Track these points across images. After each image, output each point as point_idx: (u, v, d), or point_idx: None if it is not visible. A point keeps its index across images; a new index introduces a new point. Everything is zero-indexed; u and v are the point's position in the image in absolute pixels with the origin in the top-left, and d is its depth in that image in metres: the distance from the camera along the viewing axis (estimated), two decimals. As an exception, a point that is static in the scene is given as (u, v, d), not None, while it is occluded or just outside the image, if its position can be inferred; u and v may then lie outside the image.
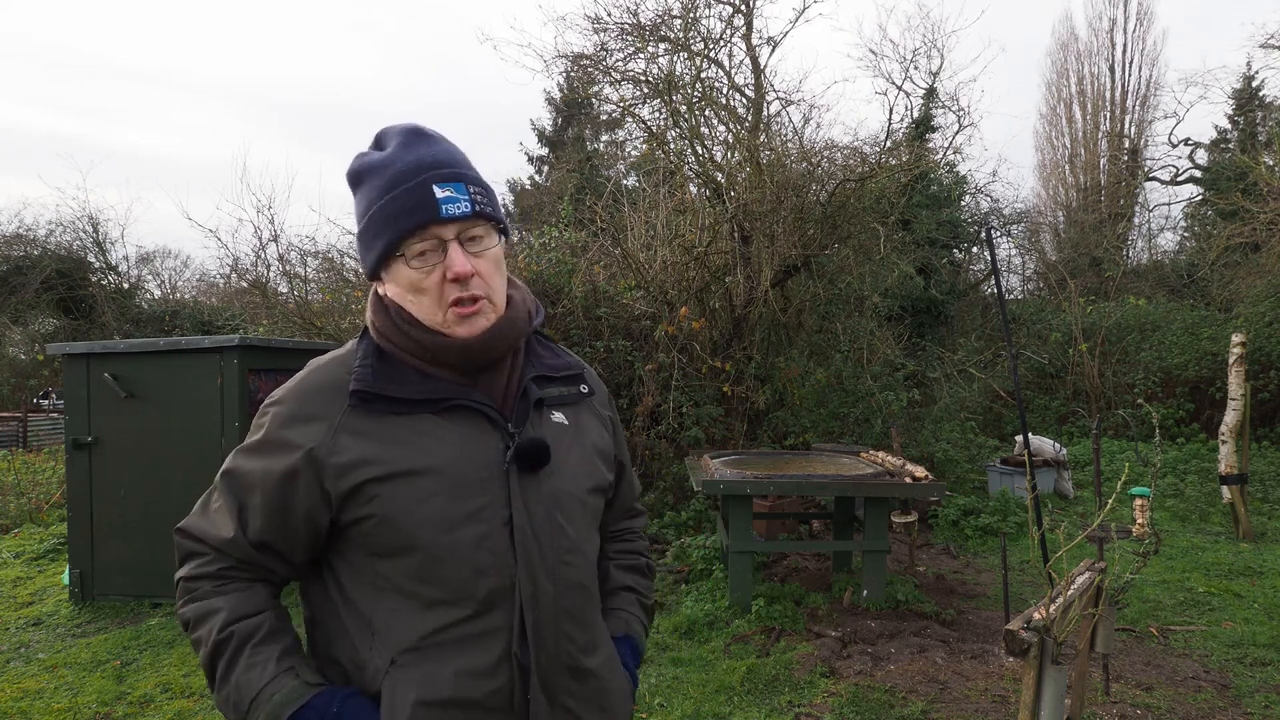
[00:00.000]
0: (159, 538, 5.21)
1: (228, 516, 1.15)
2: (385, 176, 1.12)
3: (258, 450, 1.15)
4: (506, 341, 1.19)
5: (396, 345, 1.16)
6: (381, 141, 1.19)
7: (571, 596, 1.18)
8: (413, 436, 1.12)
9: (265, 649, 1.11)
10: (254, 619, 1.13)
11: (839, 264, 8.49)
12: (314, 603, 1.20)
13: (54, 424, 14.80)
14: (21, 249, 17.53)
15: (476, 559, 1.11)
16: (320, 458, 1.10)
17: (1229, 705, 3.63)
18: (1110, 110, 23.58)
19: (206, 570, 1.15)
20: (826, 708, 3.61)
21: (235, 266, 11.05)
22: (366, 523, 1.10)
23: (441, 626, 1.10)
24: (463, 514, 1.11)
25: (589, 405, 1.33)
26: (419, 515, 1.09)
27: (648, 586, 1.46)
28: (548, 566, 1.15)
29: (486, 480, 1.13)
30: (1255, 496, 8.08)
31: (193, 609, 1.15)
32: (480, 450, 1.14)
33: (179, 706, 3.74)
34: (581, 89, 11.27)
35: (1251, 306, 11.77)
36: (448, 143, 1.19)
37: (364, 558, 1.13)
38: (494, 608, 1.12)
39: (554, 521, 1.17)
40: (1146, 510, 3.48)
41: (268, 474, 1.13)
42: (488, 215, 1.14)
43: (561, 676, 1.16)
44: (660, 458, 7.39)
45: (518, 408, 1.20)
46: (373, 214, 1.13)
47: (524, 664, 1.12)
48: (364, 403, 1.12)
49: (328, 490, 1.11)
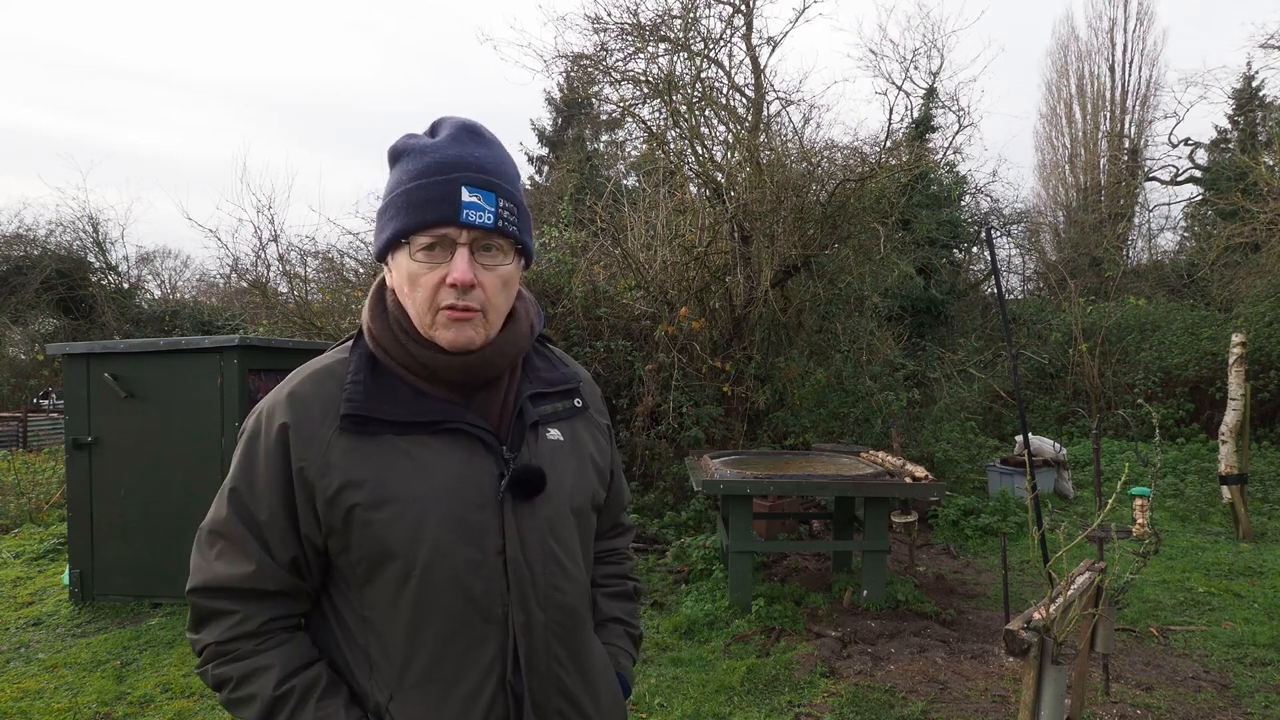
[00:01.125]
0: (159, 538, 5.21)
1: (247, 549, 1.09)
2: (421, 162, 1.09)
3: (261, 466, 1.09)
4: (506, 359, 1.16)
5: (392, 358, 1.12)
6: (435, 129, 1.15)
7: (561, 621, 1.17)
8: (405, 460, 1.09)
9: (330, 701, 1.08)
10: (310, 671, 1.10)
11: (839, 264, 8.49)
12: (316, 637, 1.17)
13: (54, 424, 14.80)
14: (21, 249, 17.54)
15: (469, 588, 1.08)
16: (311, 479, 1.07)
17: (1229, 705, 3.63)
18: (1110, 110, 23.59)
19: (243, 630, 1.09)
20: (826, 708, 3.61)
21: (235, 266, 11.07)
22: (356, 550, 1.07)
23: (436, 658, 1.09)
24: (456, 541, 1.08)
25: (585, 417, 1.30)
26: (410, 542, 1.06)
27: (634, 613, 1.44)
28: (539, 595, 1.13)
29: (480, 507, 1.10)
30: (1255, 496, 8.08)
31: (234, 669, 1.09)
32: (474, 476, 1.11)
33: (179, 706, 3.74)
34: (581, 89, 11.27)
35: (1251, 306, 11.77)
36: (500, 150, 1.14)
37: (356, 590, 1.11)
38: (487, 639, 1.10)
39: (547, 549, 1.15)
40: (1146, 510, 3.48)
41: (275, 489, 1.09)
42: (510, 234, 1.10)
43: (554, 700, 1.16)
44: (660, 458, 7.40)
45: (513, 430, 1.16)
46: (396, 195, 1.10)
47: (517, 692, 1.11)
48: (355, 425, 1.08)
49: (318, 512, 1.08)
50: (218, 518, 1.11)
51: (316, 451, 1.07)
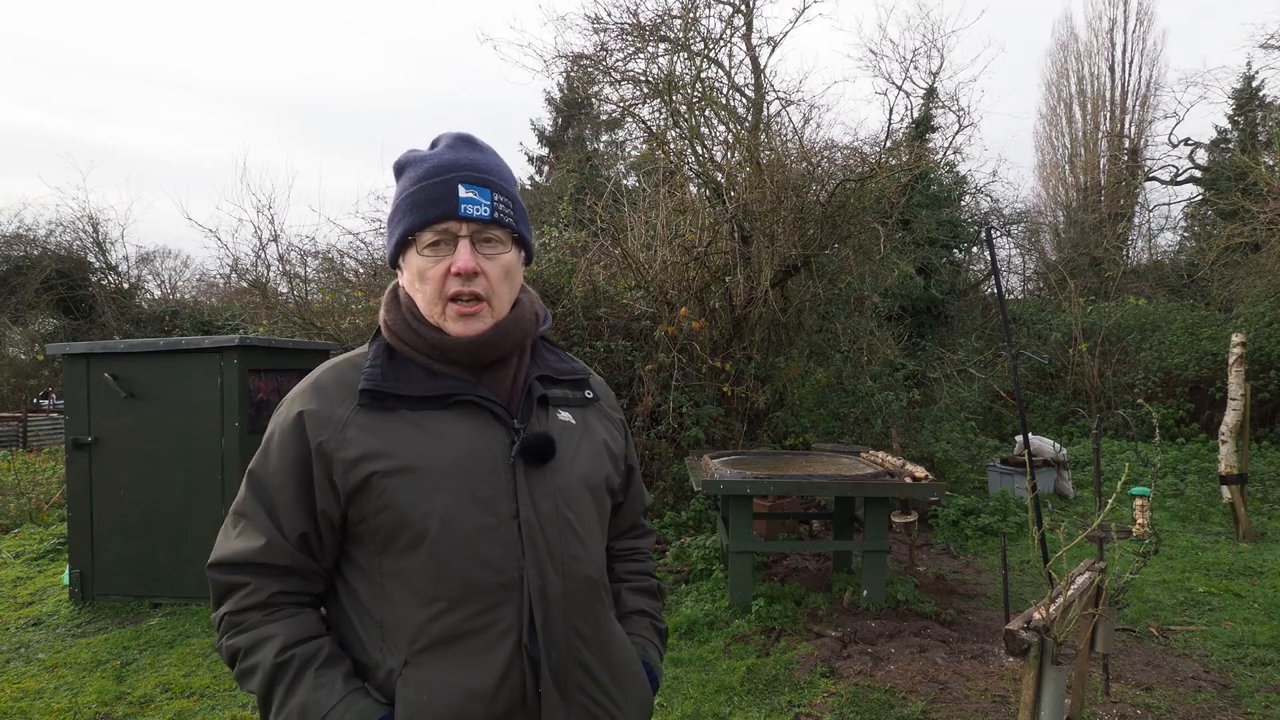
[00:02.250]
0: (159, 538, 5.21)
1: (259, 524, 1.15)
2: (421, 170, 1.19)
3: (275, 448, 1.16)
4: (512, 339, 1.22)
5: (406, 343, 1.20)
6: (434, 143, 1.25)
7: (580, 591, 1.19)
8: (420, 432, 1.14)
9: (329, 671, 1.11)
10: (313, 642, 1.13)
11: (839, 264, 8.49)
12: (328, 609, 1.21)
13: (54, 424, 14.80)
14: (21, 249, 17.55)
15: (484, 553, 1.12)
16: (329, 452, 1.12)
17: (1229, 705, 3.63)
18: (1110, 110, 23.58)
19: (253, 601, 1.14)
20: (826, 708, 3.61)
21: (235, 266, 11.05)
22: (374, 518, 1.12)
23: (452, 624, 1.11)
24: (469, 507, 1.12)
25: (597, 408, 1.36)
26: (425, 508, 1.10)
27: (659, 609, 1.47)
28: (556, 561, 1.16)
29: (493, 474, 1.15)
30: (1255, 496, 8.08)
31: (243, 639, 1.13)
32: (486, 445, 1.16)
33: (179, 706, 3.74)
34: (581, 89, 11.27)
35: (1251, 306, 11.77)
36: (493, 155, 1.24)
37: (372, 557, 1.14)
38: (503, 603, 1.12)
39: (561, 516, 1.18)
40: (1146, 510, 3.48)
41: (287, 467, 1.14)
42: (507, 225, 1.19)
43: (573, 671, 1.17)
44: (660, 458, 7.40)
45: (523, 404, 1.23)
46: (400, 202, 1.19)
47: (535, 659, 1.13)
48: (373, 400, 1.15)
49: (336, 484, 1.12)
50: (238, 499, 1.19)
51: (335, 429, 1.13)
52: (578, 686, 1.17)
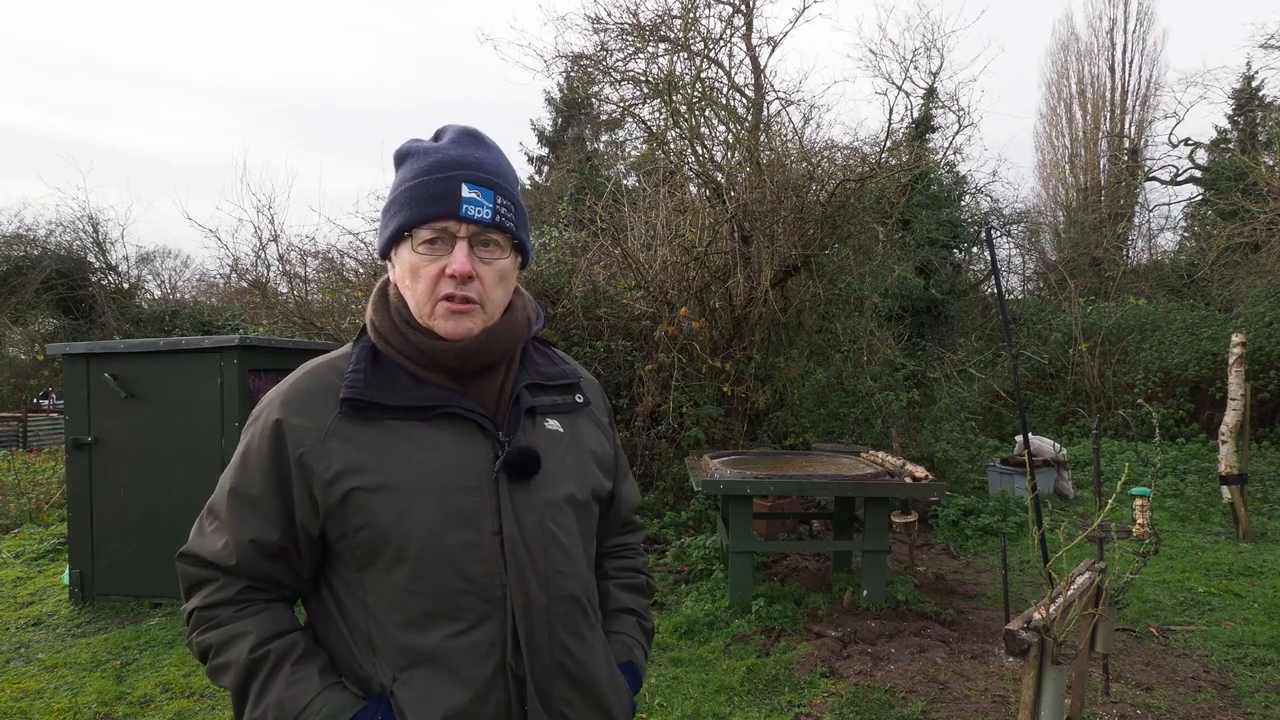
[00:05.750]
0: (159, 538, 5.21)
1: (235, 529, 1.12)
2: (423, 162, 1.14)
3: (254, 458, 1.13)
4: (502, 346, 1.18)
5: (392, 346, 1.16)
6: (439, 135, 1.21)
7: (564, 607, 1.17)
8: (402, 444, 1.11)
9: (305, 666, 1.10)
10: (287, 638, 1.12)
11: (839, 264, 8.50)
12: (317, 620, 1.19)
13: (54, 424, 14.80)
14: (21, 249, 17.56)
15: (466, 569, 1.09)
16: (309, 465, 1.09)
17: (1229, 705, 3.63)
18: (1110, 110, 23.59)
19: (223, 596, 1.12)
20: (826, 708, 3.61)
21: (235, 266, 11.04)
22: (354, 535, 1.09)
23: (435, 642, 1.09)
24: (451, 523, 1.09)
25: (587, 413, 1.32)
26: (407, 525, 1.08)
27: (646, 607, 1.45)
28: (540, 576, 1.14)
29: (476, 489, 1.12)
30: (1255, 496, 8.08)
31: (215, 635, 1.12)
32: (470, 458, 1.13)
33: (179, 706, 3.74)
34: (581, 89, 11.28)
35: (1251, 306, 11.78)
36: (499, 153, 1.20)
37: (355, 574, 1.12)
38: (487, 619, 1.10)
39: (546, 530, 1.16)
40: (1146, 510, 3.48)
41: (266, 477, 1.11)
42: (507, 229, 1.15)
43: (558, 686, 1.15)
44: (660, 458, 7.39)
45: (509, 415, 1.19)
46: (400, 192, 1.15)
47: (519, 676, 1.11)
48: (355, 410, 1.11)
49: (316, 499, 1.09)
50: (215, 495, 1.17)
51: (315, 439, 1.10)
52: (562, 701, 1.16)
